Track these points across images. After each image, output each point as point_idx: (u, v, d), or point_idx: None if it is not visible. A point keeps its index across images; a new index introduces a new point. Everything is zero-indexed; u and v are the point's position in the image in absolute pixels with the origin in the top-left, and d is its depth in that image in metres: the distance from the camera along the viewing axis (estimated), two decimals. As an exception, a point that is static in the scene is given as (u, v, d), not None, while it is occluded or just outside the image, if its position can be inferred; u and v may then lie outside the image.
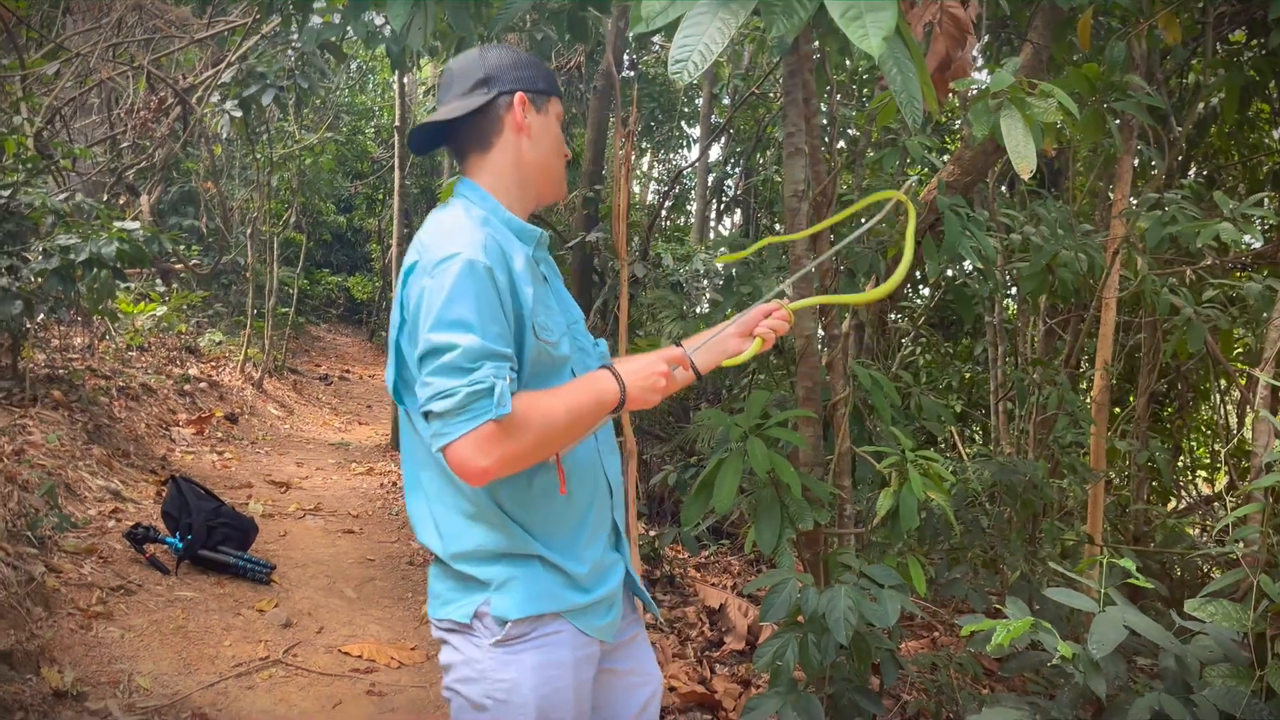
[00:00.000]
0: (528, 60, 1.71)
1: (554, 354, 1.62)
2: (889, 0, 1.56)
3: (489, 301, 1.50)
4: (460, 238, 1.53)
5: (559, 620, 1.61)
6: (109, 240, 5.18)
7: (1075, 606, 2.45)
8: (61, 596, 3.51)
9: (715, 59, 1.74)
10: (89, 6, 7.72)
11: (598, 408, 1.57)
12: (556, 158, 1.74)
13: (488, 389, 1.44)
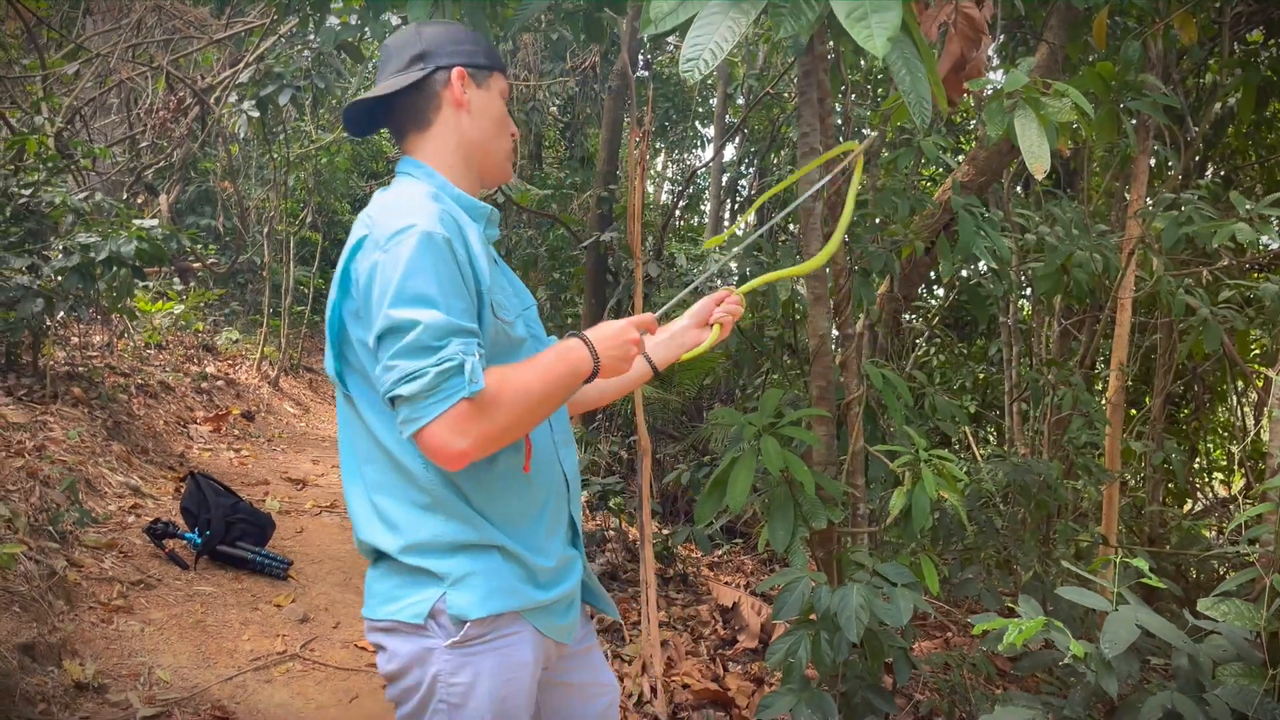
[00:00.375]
0: (467, 35, 1.63)
1: (511, 334, 1.56)
2: (894, 1, 1.57)
3: (449, 274, 1.41)
4: (414, 210, 1.45)
5: (519, 620, 1.54)
6: (129, 239, 5.23)
7: (1088, 605, 2.45)
8: (83, 590, 3.55)
9: (726, 57, 1.76)
10: (109, 7, 7.79)
11: (572, 377, 1.51)
12: (500, 136, 1.66)
13: (457, 366, 1.36)
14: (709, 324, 1.79)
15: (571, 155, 11.66)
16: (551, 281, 10.19)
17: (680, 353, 1.78)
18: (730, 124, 10.38)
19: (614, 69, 7.31)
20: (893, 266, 4.13)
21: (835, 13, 1.50)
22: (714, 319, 1.77)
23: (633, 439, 6.94)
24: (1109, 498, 4.68)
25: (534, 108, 10.37)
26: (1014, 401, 6.04)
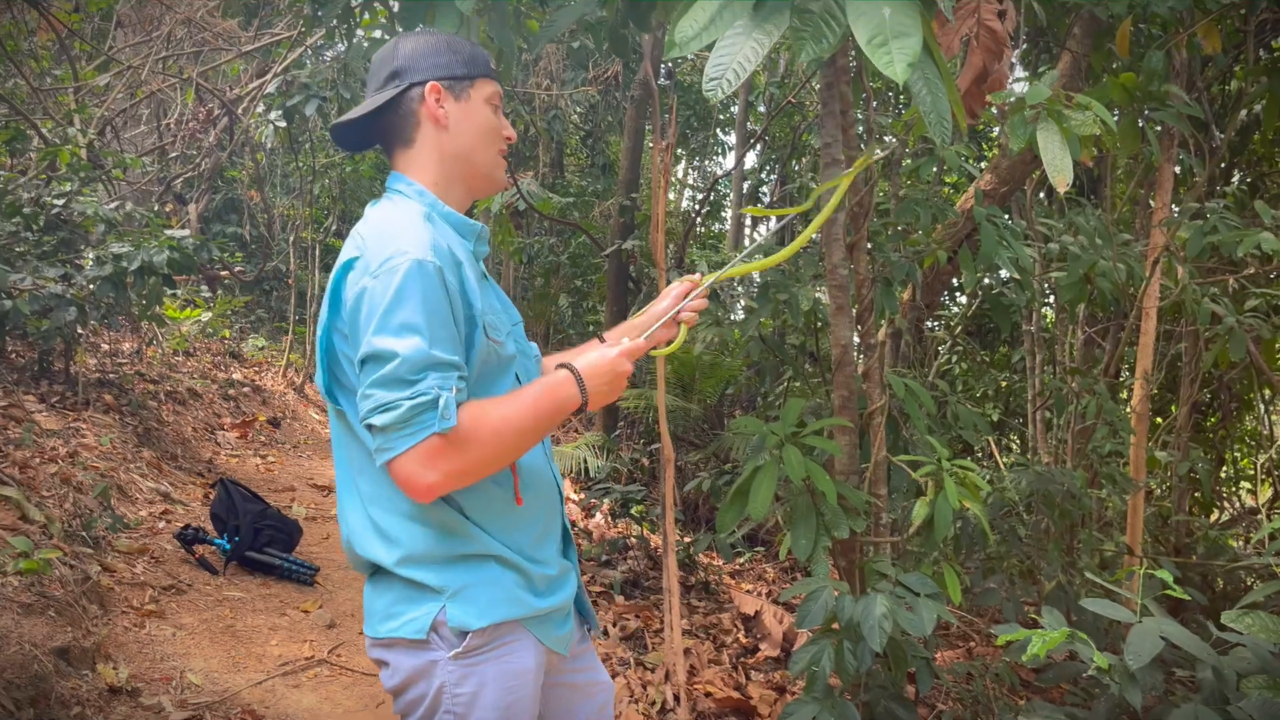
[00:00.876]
0: (444, 45, 1.61)
1: (501, 354, 1.57)
2: (915, 27, 1.59)
3: (438, 305, 1.42)
4: (407, 236, 1.45)
5: (519, 628, 1.55)
6: (160, 249, 5.32)
7: (1113, 617, 2.45)
8: (116, 595, 3.62)
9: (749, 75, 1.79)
10: (140, 20, 7.92)
11: (556, 413, 1.53)
12: (484, 146, 1.63)
13: (431, 401, 1.37)
14: (677, 321, 1.79)
15: (593, 163, 11.71)
16: (573, 289, 10.24)
17: (648, 347, 1.75)
18: (751, 131, 10.41)
19: (636, 78, 7.36)
20: (915, 275, 4.14)
21: (856, 38, 1.53)
22: (682, 318, 1.78)
23: (654, 447, 6.96)
24: (1134, 507, 4.66)
25: (555, 116, 10.43)
26: (1037, 410, 6.02)
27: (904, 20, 1.51)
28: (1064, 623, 2.51)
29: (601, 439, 6.76)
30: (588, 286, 10.00)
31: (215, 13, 7.64)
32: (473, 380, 1.51)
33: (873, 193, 3.65)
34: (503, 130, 1.66)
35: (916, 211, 4.02)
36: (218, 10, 7.66)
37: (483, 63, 1.63)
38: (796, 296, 4.85)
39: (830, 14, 1.59)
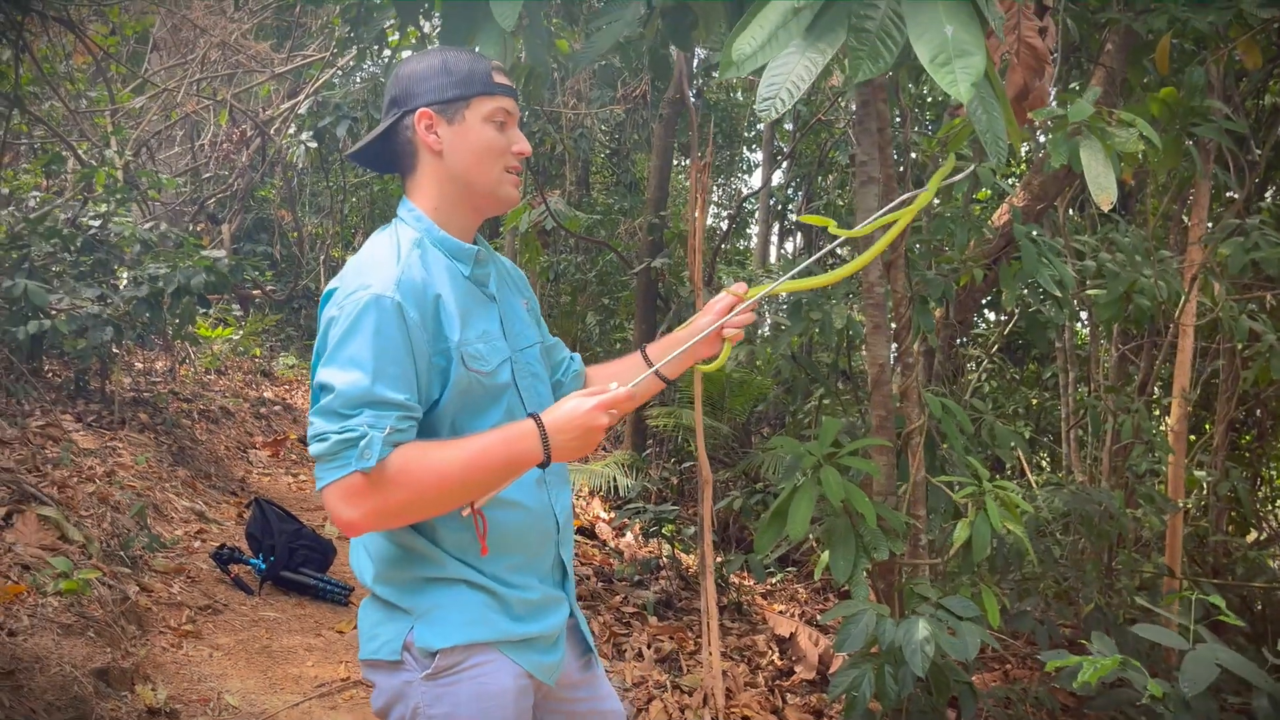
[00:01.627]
0: (438, 67, 1.58)
1: (487, 383, 1.55)
2: (978, 45, 1.58)
3: (390, 341, 1.43)
4: (377, 270, 1.48)
5: (492, 650, 1.54)
6: (196, 269, 5.37)
7: (1165, 643, 2.41)
8: (153, 615, 3.63)
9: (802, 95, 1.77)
10: (175, 43, 8.03)
11: (509, 467, 1.47)
12: (484, 165, 1.59)
13: (357, 438, 1.38)
14: (721, 337, 1.70)
15: (618, 181, 11.74)
16: (600, 307, 10.25)
17: (692, 361, 1.73)
18: (778, 149, 10.40)
19: (665, 96, 7.37)
20: (950, 293, 4.11)
21: (919, 57, 1.51)
22: (727, 335, 1.69)
23: (686, 465, 6.94)
24: (1173, 528, 4.59)
25: (582, 134, 10.48)
26: (1071, 428, 5.95)
27: (967, 39, 1.50)
28: (1114, 649, 2.46)
29: (631, 457, 6.75)
30: (615, 304, 10.01)
31: (249, 35, 7.74)
32: (452, 411, 1.52)
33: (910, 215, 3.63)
34: (511, 145, 1.60)
35: (951, 229, 3.99)
36: (251, 33, 7.76)
37: (481, 79, 1.58)
38: (830, 314, 4.83)
39: (887, 32, 1.58)
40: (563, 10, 4.81)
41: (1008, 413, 6.99)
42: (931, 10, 1.54)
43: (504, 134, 1.59)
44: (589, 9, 4.71)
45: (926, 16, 1.54)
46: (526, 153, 1.63)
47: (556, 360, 1.85)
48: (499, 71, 1.61)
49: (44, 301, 4.97)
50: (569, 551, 1.71)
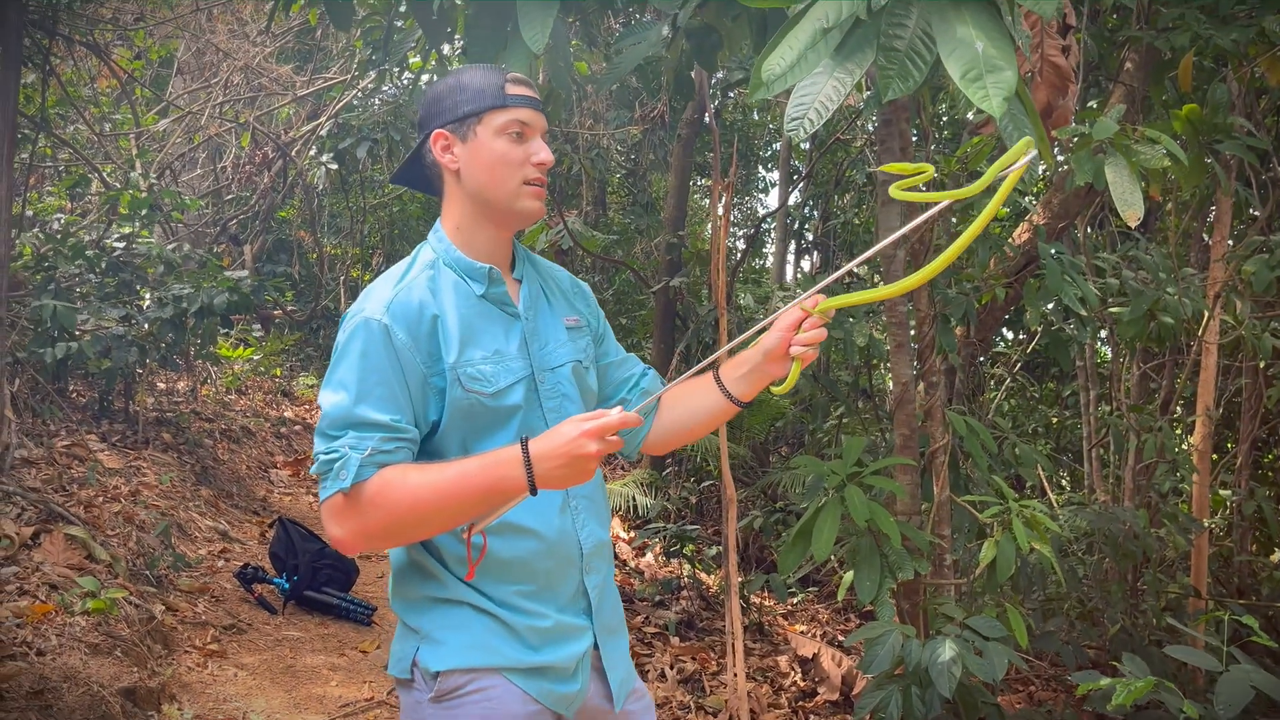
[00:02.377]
0: (454, 86, 1.57)
1: (490, 405, 1.51)
2: (1009, 61, 1.58)
3: (377, 363, 1.45)
4: (375, 294, 1.51)
5: (496, 676, 1.51)
6: (219, 289, 5.41)
7: (1198, 664, 2.39)
8: (179, 635, 3.64)
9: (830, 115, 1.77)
10: (199, 67, 8.14)
11: (490, 494, 1.41)
12: (499, 181, 1.55)
13: (338, 459, 1.40)
14: (789, 355, 1.52)
15: (635, 201, 11.78)
16: (618, 326, 10.27)
17: (765, 384, 1.59)
18: (794, 168, 10.42)
19: (683, 117, 7.41)
20: (971, 312, 4.11)
21: (950, 74, 1.52)
22: (794, 353, 1.50)
23: (706, 484, 6.92)
24: (1198, 548, 4.55)
25: (599, 154, 10.53)
26: (1093, 447, 5.92)
27: (997, 55, 1.51)
28: (1146, 671, 2.44)
29: (651, 476, 6.74)
30: (633, 324, 10.03)
31: (271, 59, 7.83)
32: (460, 432, 1.52)
33: (933, 230, 3.64)
34: (530, 156, 1.56)
35: (973, 247, 3.99)
36: (273, 56, 7.85)
37: (492, 93, 1.55)
38: (851, 332, 4.82)
39: (916, 51, 1.59)
40: (582, 33, 4.86)
41: (1028, 431, 6.96)
42: (962, 28, 1.55)
43: (521, 146, 1.56)
44: (608, 31, 4.75)
45: (957, 34, 1.55)
46: (548, 162, 1.57)
47: (622, 378, 1.78)
48: (516, 83, 1.57)
49: (71, 322, 5.02)
50: (597, 580, 1.63)
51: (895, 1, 1.57)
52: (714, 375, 1.65)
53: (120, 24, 7.03)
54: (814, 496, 3.24)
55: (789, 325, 1.52)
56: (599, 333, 1.77)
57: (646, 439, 1.74)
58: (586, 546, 1.61)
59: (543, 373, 1.60)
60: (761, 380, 1.60)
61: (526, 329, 1.60)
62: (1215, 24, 3.68)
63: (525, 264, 1.68)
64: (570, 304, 1.73)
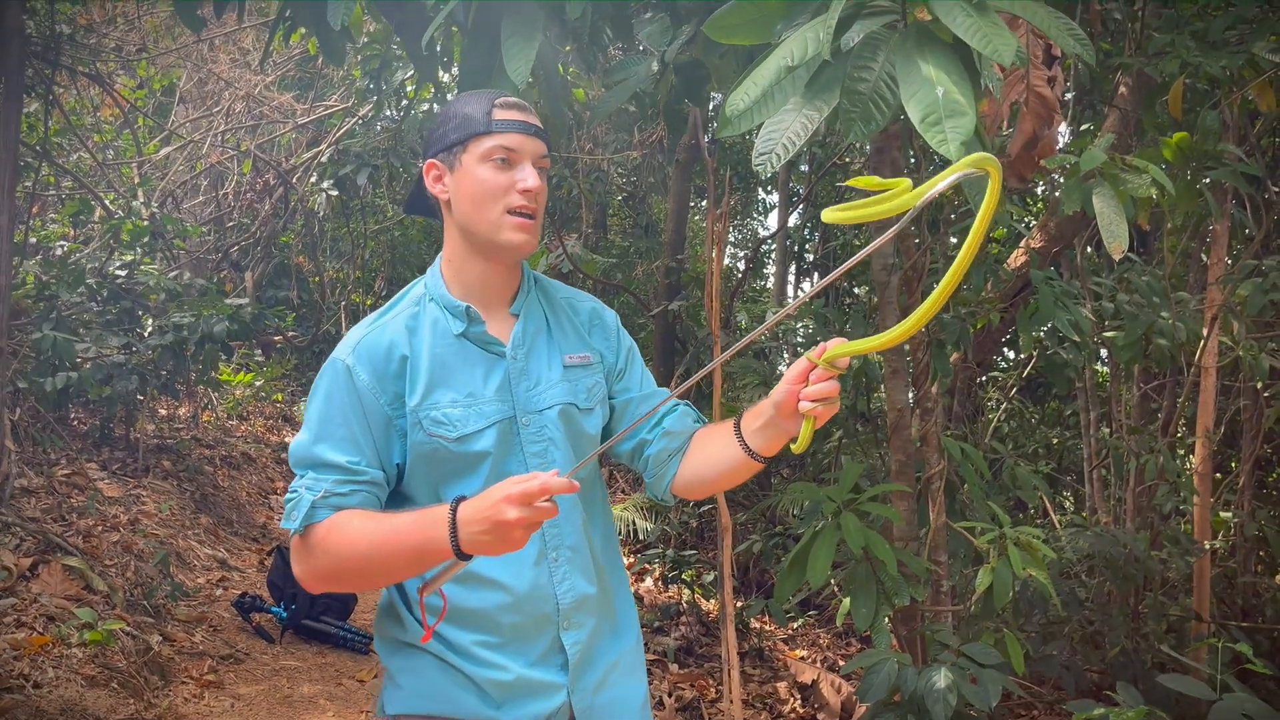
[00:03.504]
0: (444, 115, 1.54)
1: (455, 450, 1.47)
2: (968, 106, 1.58)
3: (339, 404, 1.44)
4: (352, 333, 1.52)
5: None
6: (219, 317, 5.45)
7: (1192, 694, 2.38)
8: (176, 665, 3.64)
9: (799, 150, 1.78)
10: (201, 96, 8.21)
11: (418, 552, 1.35)
12: (481, 209, 1.48)
13: (293, 499, 1.42)
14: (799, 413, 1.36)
15: (635, 224, 11.83)
16: (618, 349, 10.25)
17: (783, 439, 1.45)
18: (793, 191, 10.46)
19: (681, 142, 7.46)
20: (966, 337, 4.12)
21: (910, 117, 1.54)
22: (803, 410, 1.34)
23: (705, 509, 6.91)
24: (1200, 571, 4.54)
25: (598, 178, 10.59)
26: (1094, 468, 5.91)
27: (957, 100, 1.52)
28: (1140, 699, 2.44)
29: (651, 500, 6.73)
30: (633, 346, 10.03)
31: (272, 87, 7.90)
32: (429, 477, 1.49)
33: (927, 255, 3.66)
34: (515, 184, 1.48)
35: (969, 271, 4.01)
36: (275, 85, 7.92)
37: (478, 119, 1.48)
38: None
39: (880, 95, 1.61)
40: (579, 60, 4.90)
41: (1028, 452, 6.94)
42: (923, 71, 1.57)
43: (505, 173, 1.48)
44: (606, 58, 4.79)
45: (918, 77, 1.56)
46: (533, 189, 1.48)
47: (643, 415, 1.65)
48: (506, 107, 1.50)
49: (72, 354, 5.05)
50: (581, 636, 1.54)
51: (863, 44, 1.59)
52: (735, 425, 1.51)
53: (123, 54, 7.11)
54: (810, 522, 3.25)
55: (796, 377, 1.37)
56: (617, 368, 1.66)
57: (674, 482, 1.62)
58: (564, 601, 1.52)
59: (527, 415, 1.53)
60: (778, 435, 1.45)
61: (513, 369, 1.53)
62: (1205, 50, 3.71)
63: (530, 297, 1.60)
64: (582, 338, 1.63)
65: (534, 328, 1.58)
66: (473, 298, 1.55)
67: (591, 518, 1.61)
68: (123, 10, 6.75)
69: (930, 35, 1.59)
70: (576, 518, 1.56)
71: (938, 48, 1.57)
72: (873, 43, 1.61)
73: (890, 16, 1.64)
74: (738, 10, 1.71)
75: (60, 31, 5.38)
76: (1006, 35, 1.51)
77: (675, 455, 1.62)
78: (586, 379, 1.60)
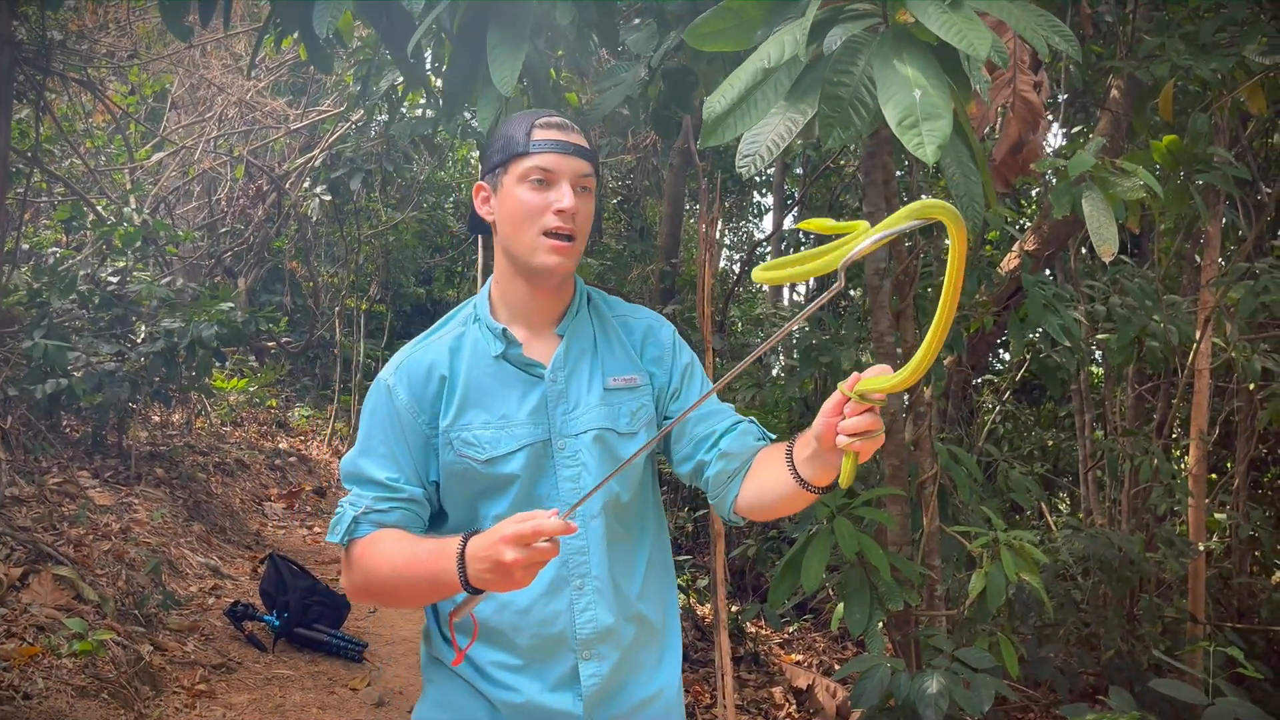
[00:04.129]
0: (497, 135, 1.54)
1: (484, 471, 1.48)
2: (945, 109, 1.57)
3: (381, 420, 1.49)
4: (400, 351, 1.55)
5: None
6: (209, 323, 5.43)
7: (1184, 699, 2.38)
8: (167, 675, 3.63)
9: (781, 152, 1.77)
10: (193, 102, 8.20)
11: (433, 582, 1.36)
12: (519, 232, 1.49)
13: (339, 514, 1.47)
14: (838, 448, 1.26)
15: (630, 227, 11.82)
16: (613, 352, 10.25)
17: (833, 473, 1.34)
18: (788, 194, 10.46)
19: (674, 146, 7.45)
20: (959, 342, 4.11)
21: (886, 119, 1.53)
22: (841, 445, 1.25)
23: (700, 513, 6.90)
24: (1195, 572, 4.54)
25: (594, 182, 10.58)
26: (1089, 470, 5.91)
27: (935, 102, 1.51)
28: (1133, 704, 2.43)
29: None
30: (627, 350, 10.02)
31: (265, 92, 7.89)
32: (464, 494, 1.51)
33: (919, 259, 3.65)
34: (550, 204, 1.47)
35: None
36: (267, 90, 7.91)
37: (518, 140, 1.48)
38: (839, 358, 4.83)
39: (859, 99, 1.59)
40: (571, 64, 4.89)
41: (1023, 454, 6.94)
42: (901, 73, 1.55)
43: (542, 193, 1.47)
44: (599, 63, 4.79)
45: (896, 79, 1.55)
46: (569, 210, 1.46)
47: (702, 435, 1.58)
48: (546, 126, 1.49)
49: (63, 361, 5.03)
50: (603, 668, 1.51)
51: (843, 48, 1.58)
52: (787, 452, 1.41)
53: (115, 60, 7.09)
54: (804, 527, 3.24)
55: (831, 410, 1.27)
56: (671, 387, 1.61)
57: (737, 504, 1.53)
58: (583, 631, 1.51)
59: (562, 439, 1.52)
60: (824, 467, 1.34)
61: (550, 391, 1.52)
62: (1196, 53, 3.71)
63: (579, 317, 1.58)
64: (631, 359, 1.59)
65: (579, 349, 1.56)
66: (517, 319, 1.56)
67: (636, 547, 1.58)
68: (114, 16, 6.74)
69: (910, 38, 1.59)
70: (603, 547, 1.53)
71: (917, 50, 1.56)
72: (853, 46, 1.60)
73: (872, 20, 1.63)
74: (718, 17, 1.71)
75: (51, 37, 5.36)
76: (982, 30, 1.50)
77: (735, 477, 1.54)
78: (630, 402, 1.57)
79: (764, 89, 1.74)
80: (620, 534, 1.55)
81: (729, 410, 1.62)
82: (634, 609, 1.56)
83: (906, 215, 1.14)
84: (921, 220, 1.13)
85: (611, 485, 1.50)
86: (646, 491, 1.62)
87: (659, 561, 1.62)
